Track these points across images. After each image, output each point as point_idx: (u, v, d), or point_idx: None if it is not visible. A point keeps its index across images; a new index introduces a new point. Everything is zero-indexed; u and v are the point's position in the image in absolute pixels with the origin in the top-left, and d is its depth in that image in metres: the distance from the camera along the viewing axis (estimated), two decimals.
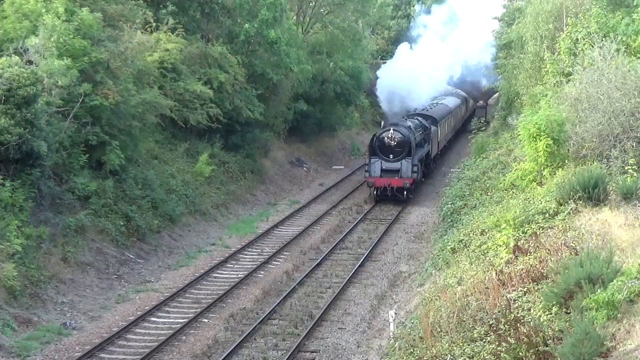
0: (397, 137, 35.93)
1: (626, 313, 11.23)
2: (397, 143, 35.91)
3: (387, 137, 36.06)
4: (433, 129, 42.58)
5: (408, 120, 39.70)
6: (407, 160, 35.97)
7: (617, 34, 23.33)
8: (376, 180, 35.91)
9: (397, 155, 35.93)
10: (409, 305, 20.32)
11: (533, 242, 16.48)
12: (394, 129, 36.21)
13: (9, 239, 20.20)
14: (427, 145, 40.45)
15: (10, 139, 21.38)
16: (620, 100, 19.35)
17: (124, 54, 26.99)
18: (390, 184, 35.66)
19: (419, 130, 39.32)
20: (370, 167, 36.28)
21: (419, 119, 41.61)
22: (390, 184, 35.68)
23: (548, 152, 20.67)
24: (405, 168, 35.93)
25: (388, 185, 35.68)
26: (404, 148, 35.97)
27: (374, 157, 36.22)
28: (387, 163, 36.03)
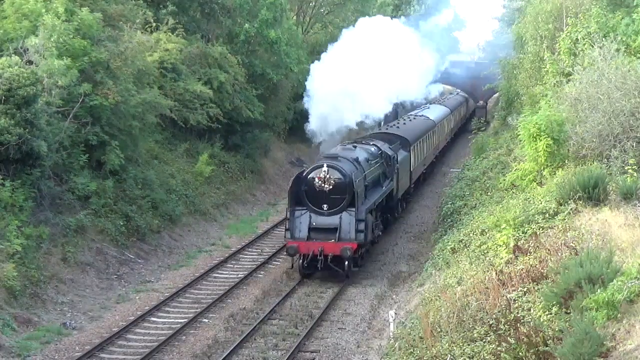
0: (333, 178, 23.62)
1: (626, 313, 11.23)
2: (333, 187, 23.59)
3: (319, 179, 23.65)
4: (402, 156, 31.14)
5: (358, 147, 27.28)
6: (350, 213, 23.66)
7: (617, 34, 23.31)
8: (301, 245, 23.40)
9: (334, 206, 23.72)
10: (409, 305, 20.32)
11: (533, 242, 16.49)
12: (329, 165, 23.73)
13: (9, 239, 20.19)
14: (388, 183, 28.35)
15: (10, 139, 21.37)
16: (620, 100, 19.35)
17: (124, 54, 26.99)
18: (322, 250, 23.23)
19: (375, 163, 27.23)
20: (292, 224, 23.87)
21: (377, 143, 29.31)
22: (323, 250, 23.22)
23: (548, 152, 20.68)
24: (346, 225, 23.67)
25: (319, 253, 23.30)
26: (344, 194, 23.66)
27: (299, 207, 24.06)
28: (319, 218, 23.75)
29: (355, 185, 23.57)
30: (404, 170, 31.40)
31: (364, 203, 24.34)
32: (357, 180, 23.87)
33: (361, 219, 23.67)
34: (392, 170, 28.82)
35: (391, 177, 28.67)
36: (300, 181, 24.06)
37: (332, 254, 23.21)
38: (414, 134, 35.99)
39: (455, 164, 45.24)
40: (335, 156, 24.67)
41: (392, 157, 29.05)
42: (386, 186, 27.86)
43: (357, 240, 23.58)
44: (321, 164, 23.84)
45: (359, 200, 23.74)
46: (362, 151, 26.85)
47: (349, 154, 25.47)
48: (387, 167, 28.49)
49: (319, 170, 23.72)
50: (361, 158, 25.80)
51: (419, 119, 41.75)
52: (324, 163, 23.83)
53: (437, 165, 46.36)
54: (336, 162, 24.15)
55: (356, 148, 26.81)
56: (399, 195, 30.76)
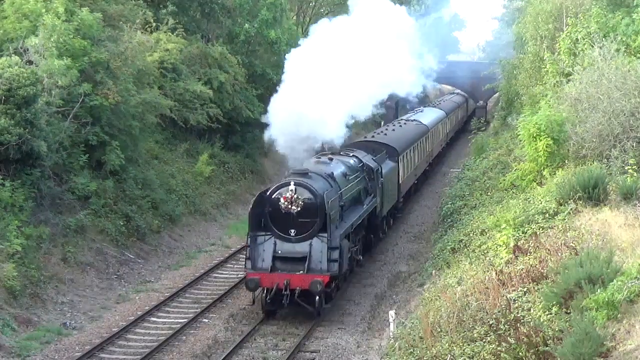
0: (302, 199, 20.02)
1: (626, 313, 11.23)
2: (302, 209, 19.95)
3: (285, 199, 20.03)
4: (388, 168, 27.96)
5: (335, 159, 23.52)
6: (321, 239, 19.98)
7: (617, 34, 23.32)
8: (264, 278, 19.74)
9: (303, 231, 20.03)
10: (409, 305, 20.32)
11: (533, 242, 16.49)
12: (297, 183, 20.10)
13: (9, 239, 20.19)
14: (371, 200, 24.72)
15: (10, 139, 21.37)
16: (620, 100, 19.37)
17: (124, 54, 27.00)
18: (288, 283, 19.56)
19: (354, 178, 23.54)
20: (253, 252, 20.24)
21: (358, 154, 25.72)
22: (289, 283, 19.56)
23: (548, 152, 20.69)
24: (317, 254, 20.00)
25: (285, 287, 19.53)
26: (314, 217, 19.98)
27: (262, 233, 20.34)
28: (285, 245, 20.15)
29: (328, 206, 19.81)
30: (390, 184, 28.08)
31: (339, 226, 20.73)
32: (331, 201, 20.15)
33: (335, 246, 19.95)
34: (376, 184, 25.23)
35: (374, 193, 25.08)
36: (263, 201, 20.35)
37: (299, 288, 19.56)
38: (403, 142, 32.90)
39: (455, 164, 45.23)
40: (305, 172, 20.79)
41: (376, 169, 25.63)
42: (368, 204, 24.31)
43: (330, 272, 19.92)
44: (288, 182, 20.14)
45: (332, 224, 20.08)
46: (339, 164, 23.35)
47: (323, 169, 21.90)
48: (370, 182, 24.90)
49: (285, 189, 20.01)
50: (337, 173, 22.32)
51: (410, 125, 38.77)
52: (291, 180, 20.11)
53: (431, 174, 43.45)
54: (306, 179, 20.41)
55: (332, 161, 23.24)
56: (384, 213, 27.15)
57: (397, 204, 30.73)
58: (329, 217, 19.97)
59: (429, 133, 40.45)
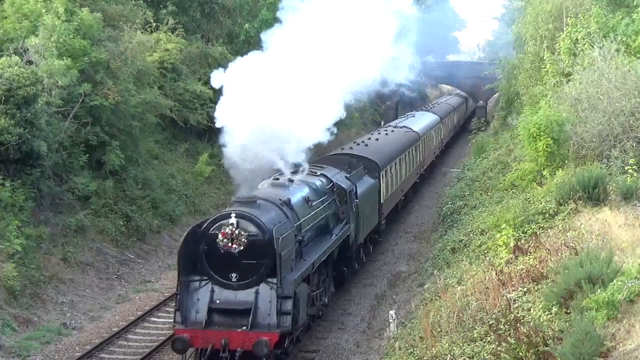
0: (246, 235, 15.77)
1: (626, 313, 11.23)
2: (245, 248, 15.73)
3: (224, 235, 15.82)
4: (366, 187, 23.79)
5: (295, 181, 19.35)
6: (270, 286, 15.81)
7: (617, 34, 23.32)
8: (196, 336, 15.58)
9: (247, 276, 15.87)
10: (409, 305, 20.31)
11: (533, 242, 16.50)
12: (240, 215, 15.91)
13: (9, 239, 20.20)
14: (342, 227, 20.65)
15: (10, 139, 21.38)
16: (620, 100, 19.37)
17: (124, 54, 27.02)
18: (227, 343, 15.30)
19: (320, 203, 19.53)
20: (184, 302, 16.18)
21: (328, 172, 21.52)
22: (228, 343, 15.31)
23: (548, 152, 20.69)
24: (264, 305, 15.77)
25: (223, 348, 15.32)
26: (262, 258, 15.83)
27: (196, 277, 16.35)
28: (225, 293, 16.02)
29: (278, 243, 15.48)
30: (368, 206, 23.95)
31: (296, 267, 16.62)
32: (284, 236, 15.84)
33: (287, 295, 15.59)
34: (349, 208, 21.20)
35: (346, 219, 20.97)
36: (197, 238, 16.06)
37: (241, 350, 15.18)
38: (387, 154, 28.77)
39: (455, 164, 45.22)
40: (253, 199, 16.53)
41: (349, 190, 21.45)
42: (338, 233, 20.11)
43: (280, 328, 15.47)
44: (228, 213, 15.90)
45: (285, 266, 15.85)
46: (300, 187, 19.19)
47: (278, 194, 17.74)
48: (341, 206, 20.77)
49: (224, 223, 15.70)
50: (296, 199, 18.18)
51: (397, 132, 34.72)
52: (232, 212, 15.82)
53: (421, 186, 38.88)
54: (252, 208, 16.12)
55: (293, 183, 19.07)
56: (360, 240, 22.98)
57: (379, 226, 26.44)
58: (280, 258, 15.49)
59: (420, 141, 36.46)
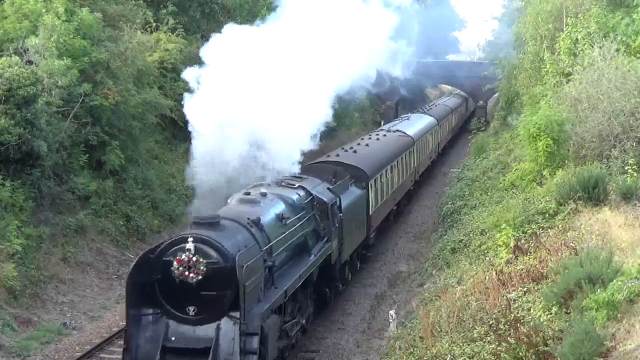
0: (205, 263, 13.56)
1: (626, 313, 11.23)
2: (204, 277, 13.53)
3: (179, 263, 13.56)
4: (352, 198, 21.83)
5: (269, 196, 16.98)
6: (233, 321, 13.64)
7: (617, 34, 23.31)
8: None
9: (207, 309, 13.77)
10: (409, 305, 20.31)
11: (533, 242, 16.50)
12: (198, 239, 13.69)
13: (9, 239, 20.20)
14: (323, 246, 18.50)
15: (10, 139, 21.39)
16: (620, 100, 19.36)
17: (124, 54, 27.03)
18: None
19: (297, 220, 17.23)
20: (133, 339, 13.82)
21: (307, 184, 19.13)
22: None
23: (548, 152, 20.69)
24: (225, 342, 13.61)
25: None
26: (223, 289, 13.71)
27: (148, 311, 14.00)
28: (181, 328, 13.92)
29: (242, 272, 13.31)
30: (354, 219, 21.89)
31: (265, 298, 14.47)
32: (248, 264, 13.65)
33: (253, 331, 13.54)
34: (331, 224, 19.01)
35: (328, 236, 18.78)
36: (149, 265, 13.79)
37: None
38: (377, 161, 26.54)
39: (455, 164, 45.22)
40: (215, 220, 14.22)
41: (332, 203, 19.25)
42: (318, 252, 17.95)
43: None
44: (184, 237, 13.66)
45: (250, 297, 13.69)
46: (274, 203, 16.86)
47: (246, 212, 15.45)
48: (322, 222, 18.59)
49: (180, 248, 13.49)
50: (268, 218, 15.86)
51: (390, 137, 32.53)
52: (189, 235, 13.57)
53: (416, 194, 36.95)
54: (213, 231, 13.91)
55: (265, 197, 16.75)
56: (345, 258, 20.96)
57: (367, 240, 24.47)
58: (244, 289, 13.33)
59: (415, 146, 34.40)
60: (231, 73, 16.22)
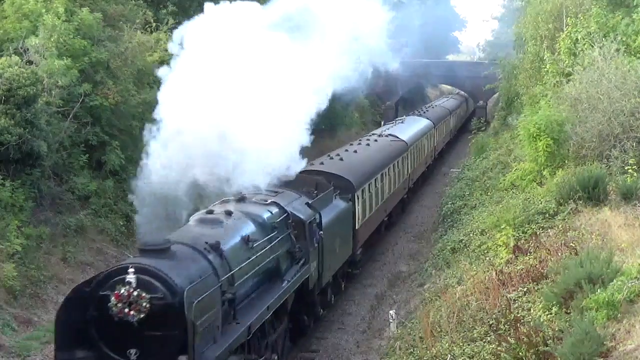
0: (148, 299, 11.39)
1: (626, 313, 11.22)
2: (148, 316, 11.36)
3: (118, 298, 11.36)
4: (336, 212, 20.01)
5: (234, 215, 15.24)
6: None
7: (617, 34, 23.30)
8: None
9: (151, 352, 11.53)
10: (409, 305, 20.32)
11: (533, 242, 16.50)
12: (141, 270, 11.63)
13: (9, 239, 20.20)
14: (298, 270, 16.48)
15: (10, 139, 21.39)
16: (620, 100, 19.35)
17: (124, 54, 27.04)
18: None
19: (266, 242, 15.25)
20: None
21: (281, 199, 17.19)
22: None
23: (548, 152, 20.69)
24: None
25: None
26: (170, 329, 11.50)
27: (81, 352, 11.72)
28: None
29: (192, 309, 11.36)
30: (337, 236, 19.91)
31: (224, 336, 12.43)
32: (203, 297, 11.78)
33: None
34: (309, 243, 17.13)
35: (306, 257, 16.91)
36: (83, 301, 11.85)
37: None
38: (365, 169, 24.62)
39: (455, 164, 45.21)
40: (164, 246, 12.69)
41: (309, 221, 17.32)
42: (293, 277, 16.00)
43: None
44: (125, 267, 11.76)
45: (203, 338, 11.69)
46: (240, 223, 14.96)
47: (205, 235, 13.87)
48: (297, 242, 16.61)
49: (119, 281, 11.50)
50: (230, 241, 14.00)
51: (381, 142, 30.75)
52: (130, 265, 11.72)
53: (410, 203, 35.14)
54: (160, 259, 12.14)
55: (230, 217, 14.93)
56: (326, 280, 19.03)
57: (354, 256, 22.50)
58: (194, 328, 11.28)
59: (408, 152, 32.56)
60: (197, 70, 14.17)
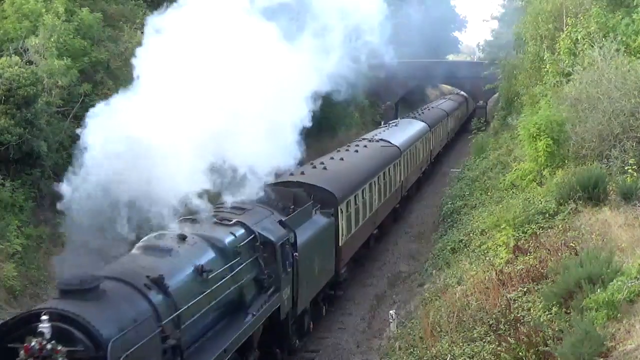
0: (64, 352, 9.10)
1: (626, 313, 11.23)
2: None
3: (27, 353, 9.00)
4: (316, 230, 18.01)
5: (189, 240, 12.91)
6: None
7: (617, 34, 23.30)
8: None
9: None
10: (409, 305, 20.32)
11: (533, 242, 16.50)
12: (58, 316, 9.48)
13: (9, 239, 20.20)
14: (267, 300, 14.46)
15: (10, 139, 21.39)
16: (620, 100, 19.35)
17: (124, 54, 27.04)
18: None
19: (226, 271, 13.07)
20: None
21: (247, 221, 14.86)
22: None
23: (548, 152, 20.70)
24: None
25: None
26: None
27: None
28: None
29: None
30: (317, 256, 17.75)
31: None
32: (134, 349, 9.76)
33: None
34: (281, 268, 15.03)
35: (276, 285, 14.82)
36: None
37: None
38: (351, 179, 22.39)
39: (455, 164, 45.19)
40: (89, 286, 10.62)
41: (281, 242, 15.14)
42: (260, 309, 13.97)
43: None
44: (37, 312, 9.75)
45: None
46: (193, 250, 12.73)
47: (147, 266, 12.08)
48: (267, 266, 14.57)
49: (30, 330, 9.49)
50: (179, 274, 12.06)
51: (372, 148, 28.43)
52: (45, 310, 9.66)
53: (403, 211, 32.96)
54: (82, 302, 10.06)
55: (184, 242, 12.69)
56: (302, 307, 17.01)
57: (338, 277, 20.37)
58: None
59: (402, 157, 30.64)
60: None
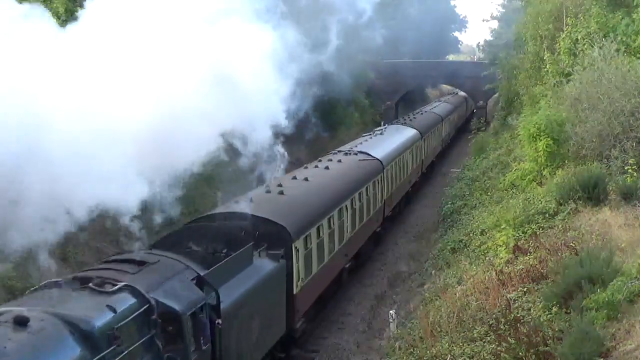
0: None
1: (626, 313, 11.23)
2: None
3: None
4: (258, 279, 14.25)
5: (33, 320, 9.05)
6: None
7: (617, 34, 23.31)
8: None
9: None
10: (409, 305, 20.33)
11: (533, 242, 16.51)
12: None
13: None
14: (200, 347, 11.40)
15: None
16: (620, 100, 19.35)
17: None
18: None
19: None
20: None
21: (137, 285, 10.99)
22: None
23: (548, 152, 20.71)
24: None
25: None
26: None
27: None
28: None
29: None
30: (258, 316, 14.13)
31: None
32: None
33: None
34: (193, 345, 11.50)
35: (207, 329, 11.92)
36: None
37: None
38: (312, 207, 18.43)
39: (455, 164, 45.22)
40: None
41: (192, 311, 11.59)
42: None
43: None
44: None
45: None
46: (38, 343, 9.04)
47: None
48: (168, 346, 11.01)
49: None
50: None
51: (347, 162, 24.37)
52: None
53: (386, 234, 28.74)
54: None
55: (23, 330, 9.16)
56: None
57: (293, 332, 16.61)
58: None
59: (384, 172, 26.75)
60: None
